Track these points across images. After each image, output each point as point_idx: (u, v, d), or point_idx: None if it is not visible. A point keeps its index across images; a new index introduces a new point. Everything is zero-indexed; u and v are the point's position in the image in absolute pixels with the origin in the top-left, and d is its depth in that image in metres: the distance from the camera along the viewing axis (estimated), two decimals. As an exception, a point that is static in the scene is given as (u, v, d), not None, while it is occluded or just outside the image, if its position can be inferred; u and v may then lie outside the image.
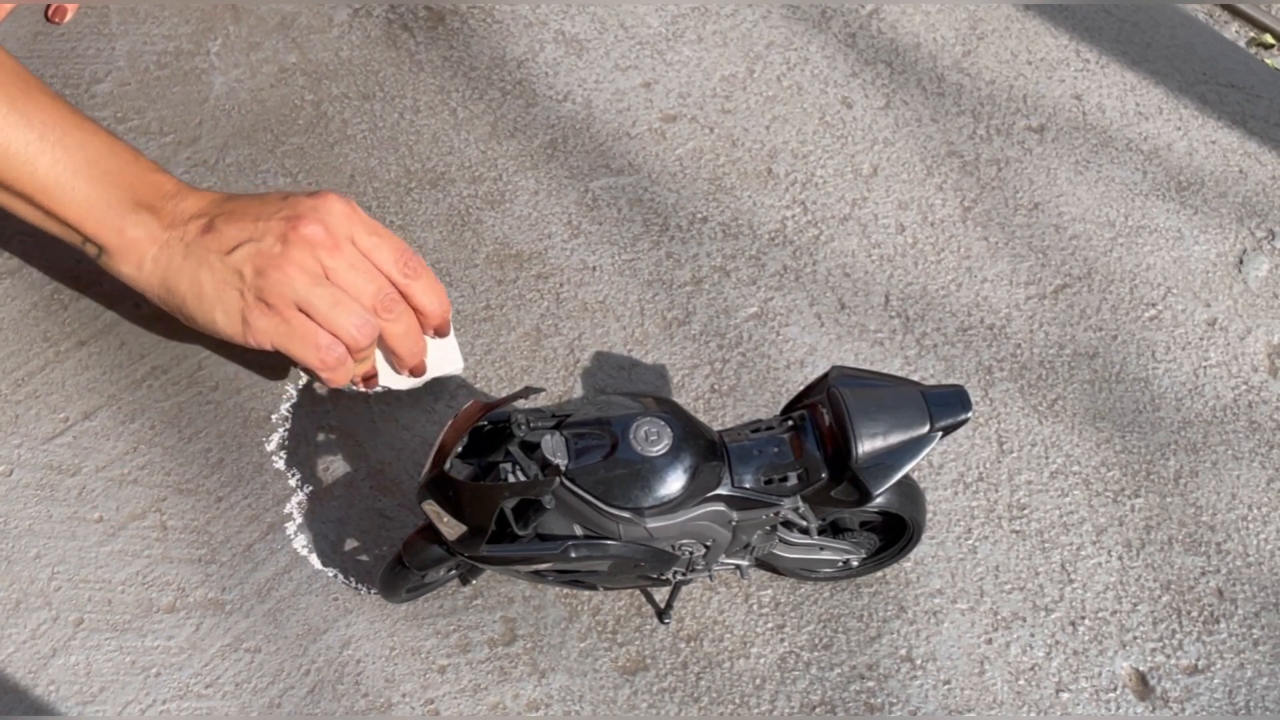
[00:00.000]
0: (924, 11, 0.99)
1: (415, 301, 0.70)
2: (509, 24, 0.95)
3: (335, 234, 0.67)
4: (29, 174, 0.66)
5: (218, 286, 0.67)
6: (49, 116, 0.67)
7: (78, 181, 0.67)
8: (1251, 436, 0.78)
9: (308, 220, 0.67)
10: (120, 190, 0.68)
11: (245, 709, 0.65)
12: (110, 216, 0.68)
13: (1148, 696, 0.69)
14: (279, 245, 0.67)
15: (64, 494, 0.71)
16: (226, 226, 0.68)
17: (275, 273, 0.66)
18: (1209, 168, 0.92)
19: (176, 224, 0.68)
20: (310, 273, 0.67)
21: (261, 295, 0.67)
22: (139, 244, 0.68)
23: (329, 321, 0.67)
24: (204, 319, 0.69)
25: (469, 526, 0.59)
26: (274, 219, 0.67)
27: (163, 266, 0.68)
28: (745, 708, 0.67)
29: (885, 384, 0.62)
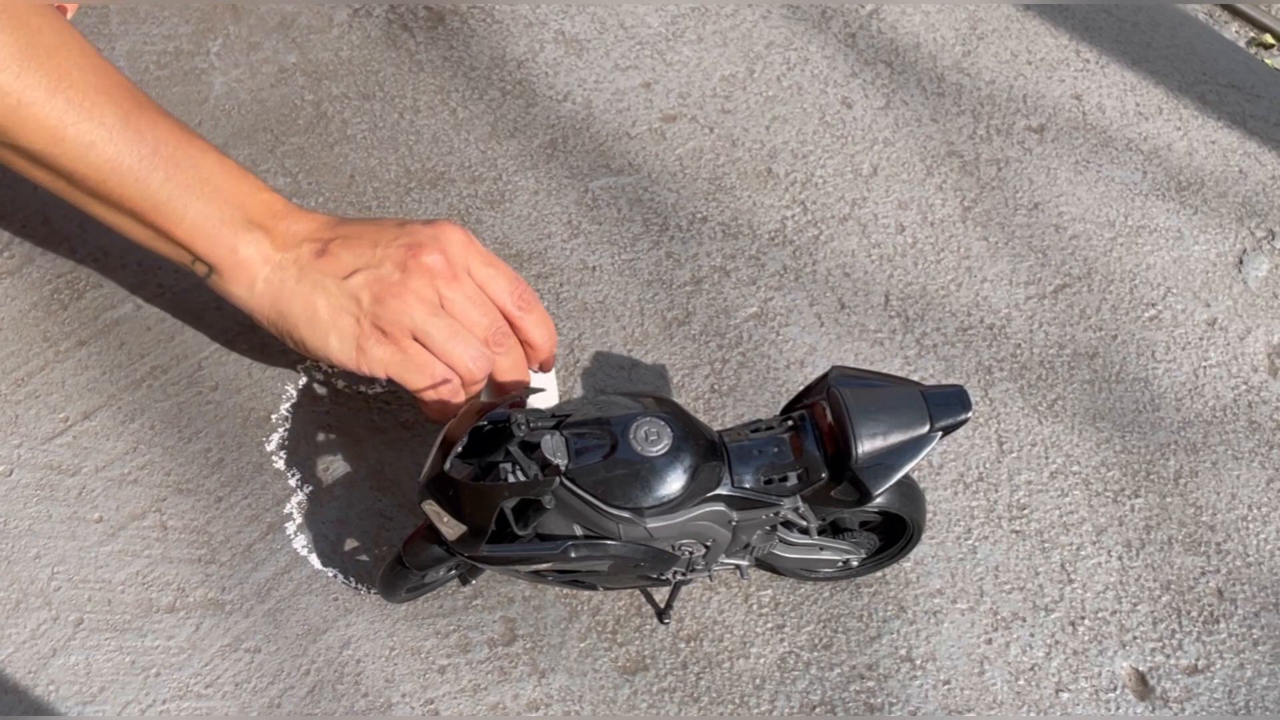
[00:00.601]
0: (924, 11, 0.99)
1: (525, 335, 0.70)
2: (509, 24, 0.95)
3: (454, 264, 0.67)
4: (141, 191, 0.65)
5: (333, 312, 0.66)
6: (161, 132, 0.66)
7: (190, 199, 0.66)
8: (1251, 436, 0.78)
9: (428, 249, 0.66)
10: (232, 209, 0.67)
11: (245, 709, 0.65)
12: (223, 235, 0.66)
13: (1148, 696, 0.69)
14: (398, 273, 0.66)
15: (64, 494, 0.71)
16: (343, 251, 0.67)
17: (394, 301, 0.66)
18: (1209, 168, 0.92)
19: (289, 245, 0.67)
20: (428, 302, 0.66)
21: (378, 323, 0.66)
22: (251, 264, 0.67)
23: (445, 353, 0.67)
24: (316, 343, 0.67)
25: (469, 526, 0.59)
26: (393, 246, 0.67)
27: (275, 288, 0.67)
28: (745, 708, 0.67)
29: (885, 384, 0.62)
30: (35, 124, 0.62)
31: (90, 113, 0.63)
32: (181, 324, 0.78)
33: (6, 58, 0.61)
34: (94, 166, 0.64)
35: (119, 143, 0.64)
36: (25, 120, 0.62)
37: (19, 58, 0.61)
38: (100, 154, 0.64)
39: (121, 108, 0.64)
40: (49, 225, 0.82)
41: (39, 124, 0.62)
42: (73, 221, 0.82)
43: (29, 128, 0.62)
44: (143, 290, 0.79)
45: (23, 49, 0.61)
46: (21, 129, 0.62)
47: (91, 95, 0.63)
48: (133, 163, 0.64)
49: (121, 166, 0.64)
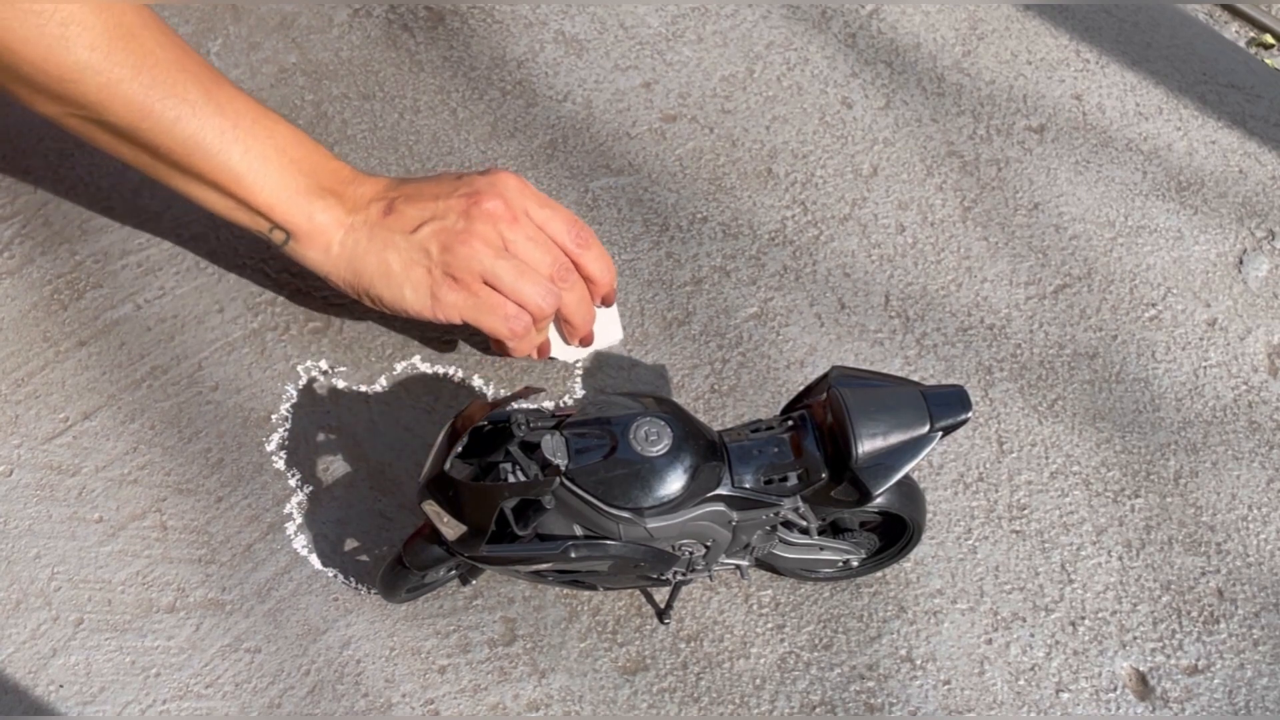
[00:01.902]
0: (924, 11, 0.99)
1: (586, 270, 0.73)
2: (509, 24, 0.95)
3: (513, 207, 0.70)
4: (223, 163, 0.68)
5: (405, 265, 0.70)
6: (239, 106, 0.69)
7: (268, 169, 0.69)
8: (1251, 436, 0.78)
9: (487, 196, 0.70)
10: (307, 177, 0.70)
11: (245, 709, 0.65)
12: (300, 203, 0.70)
13: (1148, 696, 0.69)
14: (462, 221, 0.69)
15: (64, 494, 0.71)
16: (407, 207, 0.70)
17: (461, 247, 0.69)
18: (1209, 168, 0.92)
19: (359, 208, 0.71)
20: (494, 246, 0.69)
21: (449, 270, 0.69)
22: (326, 229, 0.70)
23: (515, 292, 0.70)
24: (392, 297, 0.71)
25: (469, 526, 0.59)
26: (454, 197, 0.70)
27: (349, 249, 0.70)
28: (745, 708, 0.67)
29: (885, 384, 0.62)
30: (124, 100, 0.65)
31: (174, 89, 0.66)
32: (181, 324, 0.78)
33: (96, 38, 0.63)
34: (179, 141, 0.67)
35: (202, 117, 0.67)
36: (114, 97, 0.65)
37: (107, 38, 0.64)
38: (185, 128, 0.67)
39: (202, 84, 0.67)
40: (49, 226, 0.82)
41: (127, 100, 0.65)
42: (73, 222, 0.82)
43: (118, 104, 0.65)
44: (143, 290, 0.79)
45: (110, 30, 0.64)
46: (111, 105, 0.65)
47: (175, 73, 0.66)
48: (214, 136, 0.67)
49: (205, 140, 0.67)
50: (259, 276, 0.80)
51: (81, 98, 0.65)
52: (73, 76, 0.64)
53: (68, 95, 0.65)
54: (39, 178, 0.84)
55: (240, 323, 0.78)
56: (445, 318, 0.70)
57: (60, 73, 0.64)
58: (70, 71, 0.64)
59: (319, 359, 0.77)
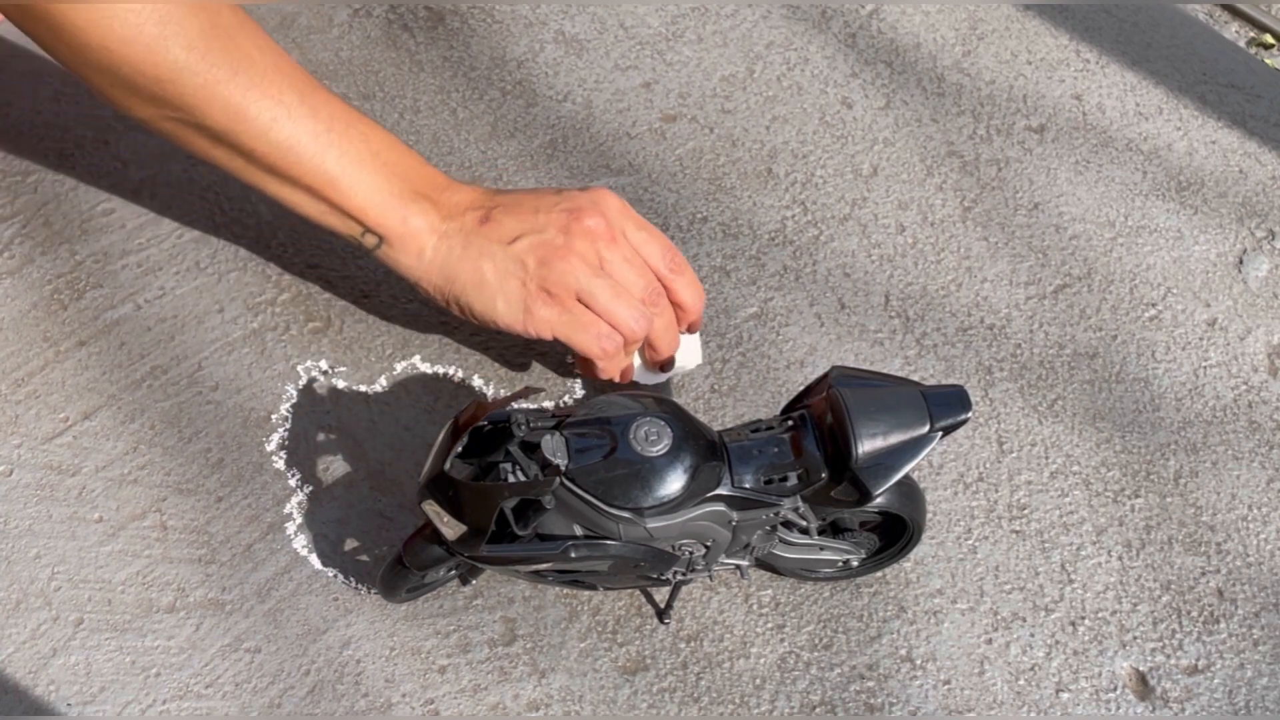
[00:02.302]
0: (924, 11, 0.99)
1: (676, 296, 0.72)
2: (509, 24, 0.95)
3: (613, 227, 0.70)
4: (317, 166, 0.67)
5: (499, 275, 0.69)
6: (333, 110, 0.68)
7: (362, 173, 0.68)
8: (1251, 436, 0.78)
9: (589, 213, 0.69)
10: (401, 182, 0.69)
11: (245, 709, 0.65)
12: (394, 206, 0.69)
13: (1148, 696, 0.69)
14: (561, 236, 0.68)
15: (64, 494, 0.71)
16: (506, 218, 0.69)
17: (560, 263, 0.68)
18: (1209, 168, 0.92)
19: (454, 215, 0.70)
20: (591, 264, 0.69)
21: (544, 285, 0.68)
22: (420, 234, 0.69)
23: (609, 312, 0.69)
24: (483, 307, 0.70)
25: (469, 526, 0.59)
26: (554, 211, 0.69)
27: (443, 255, 0.69)
28: (745, 708, 0.67)
29: (885, 384, 0.62)
30: (221, 102, 0.65)
31: (269, 92, 0.66)
32: (181, 324, 0.78)
33: (194, 38, 0.63)
34: (274, 144, 0.66)
35: (297, 120, 0.66)
36: (211, 99, 0.64)
37: (204, 38, 0.63)
38: (280, 131, 0.66)
39: (297, 87, 0.67)
40: (49, 226, 0.82)
41: (224, 102, 0.65)
42: (73, 222, 0.82)
43: (215, 106, 0.65)
44: (143, 290, 0.79)
45: (206, 31, 0.63)
46: (208, 107, 0.65)
47: (270, 75, 0.66)
48: (309, 140, 0.67)
49: (299, 143, 0.67)
50: (259, 276, 0.80)
51: (179, 99, 0.64)
52: (170, 77, 0.63)
53: (165, 97, 0.64)
54: (39, 178, 0.84)
55: (240, 323, 0.78)
56: (536, 332, 0.69)
57: (158, 73, 0.63)
58: (168, 72, 0.63)
59: (319, 359, 0.77)
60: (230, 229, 0.82)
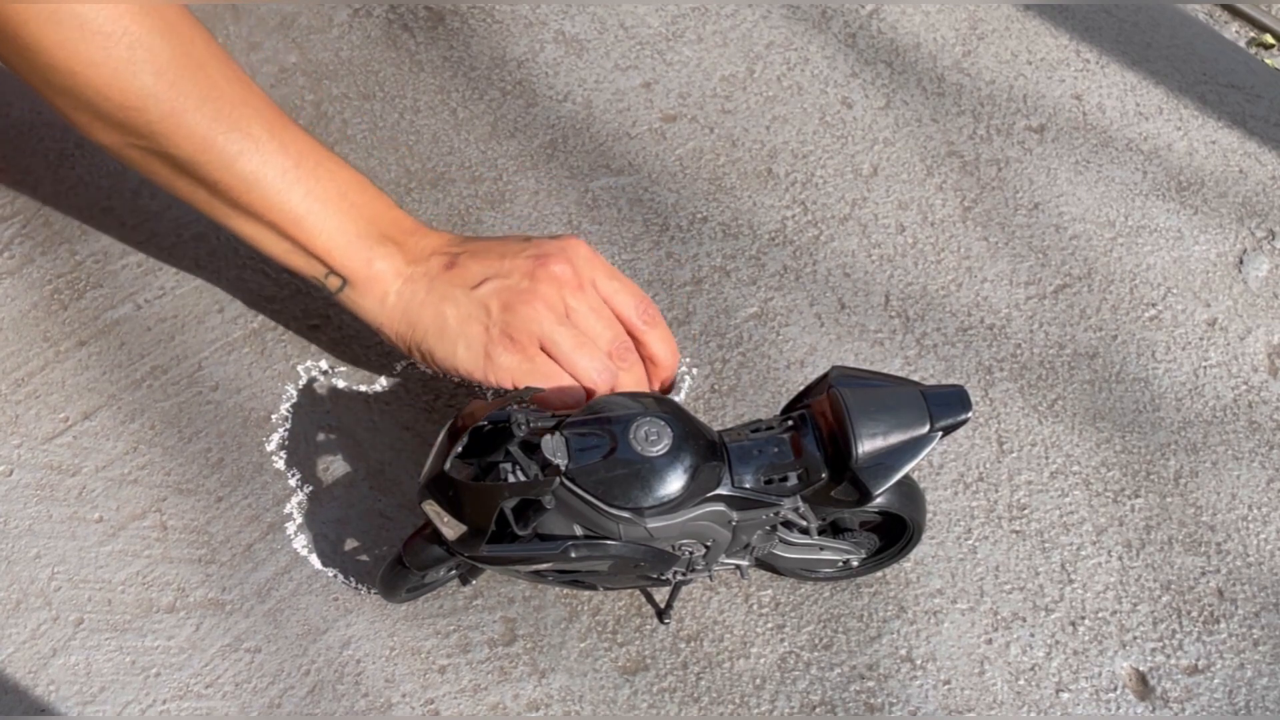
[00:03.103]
0: (924, 11, 0.99)
1: (648, 350, 0.70)
2: (509, 24, 0.95)
3: (580, 275, 0.68)
4: (283, 203, 0.66)
5: (461, 320, 0.67)
6: (302, 147, 0.67)
7: (328, 213, 0.67)
8: (1251, 436, 0.78)
9: (555, 259, 0.67)
10: (367, 224, 0.68)
11: (245, 709, 0.65)
12: (359, 249, 0.67)
13: (1148, 696, 0.69)
14: (526, 281, 0.66)
15: (64, 494, 0.71)
16: (471, 263, 0.68)
17: (524, 308, 0.66)
18: (1209, 168, 0.92)
19: (419, 259, 0.68)
20: (556, 310, 0.67)
21: (507, 330, 0.66)
22: (383, 277, 0.68)
23: (570, 363, 0.67)
24: (444, 353, 0.68)
25: (469, 526, 0.59)
26: (520, 257, 0.67)
27: (405, 300, 0.68)
28: (745, 708, 0.67)
29: (885, 384, 0.62)
30: (186, 131, 0.63)
31: (238, 124, 0.64)
32: (181, 324, 0.78)
33: (163, 64, 0.62)
34: (239, 177, 0.65)
35: (265, 154, 0.65)
36: (177, 127, 0.63)
37: (174, 65, 0.62)
38: (246, 164, 0.65)
39: (266, 121, 0.66)
40: (49, 226, 0.82)
41: (190, 132, 0.63)
42: (73, 222, 0.82)
43: (180, 135, 0.63)
44: (143, 290, 0.79)
45: (176, 57, 0.62)
46: (172, 136, 0.63)
47: (239, 107, 0.65)
48: (276, 175, 0.65)
49: (266, 178, 0.65)
50: (259, 276, 0.80)
51: (145, 126, 0.63)
52: (136, 104, 0.62)
53: (130, 123, 0.63)
54: (39, 178, 0.84)
55: (240, 323, 0.78)
56: (496, 380, 0.67)
57: (124, 99, 0.62)
58: (134, 98, 0.62)
59: (319, 359, 0.77)
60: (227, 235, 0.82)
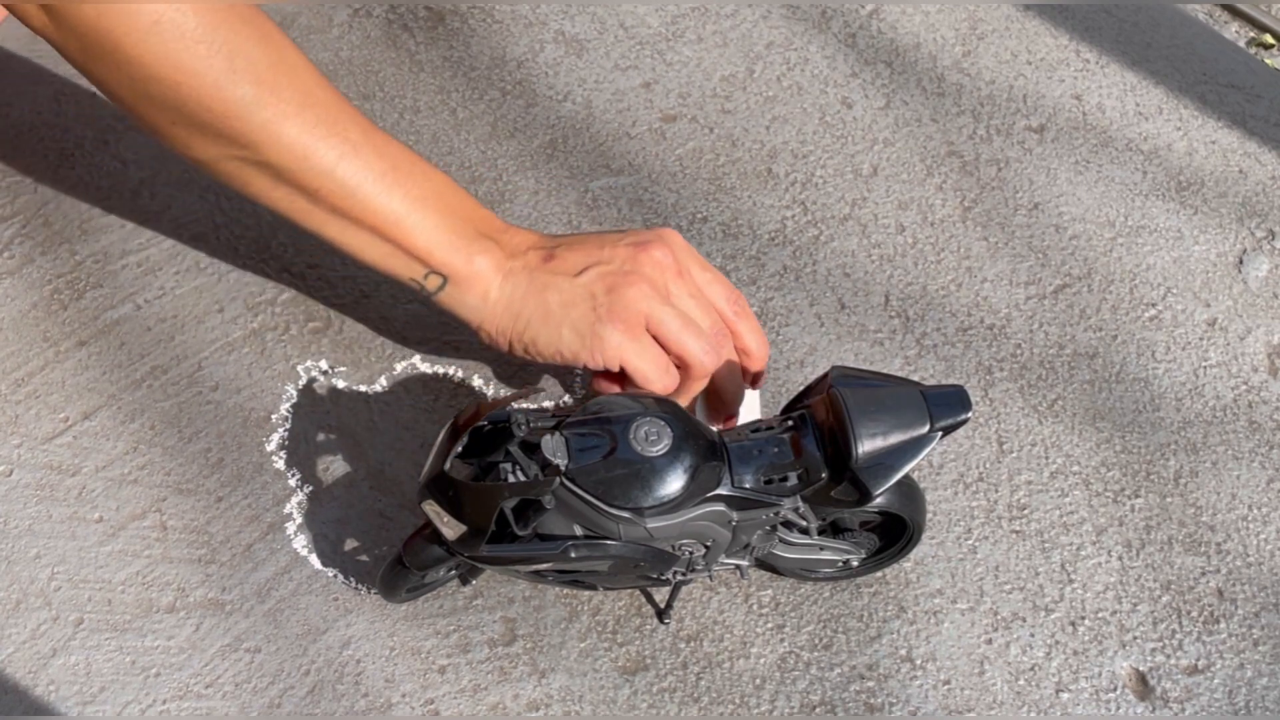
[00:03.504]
0: (924, 11, 0.99)
1: (741, 341, 0.70)
2: (509, 24, 0.95)
3: (679, 261, 0.68)
4: (382, 206, 0.66)
5: (566, 305, 0.67)
6: (394, 150, 0.67)
7: (427, 213, 0.67)
8: (1251, 436, 0.78)
9: (655, 246, 0.68)
10: (464, 222, 0.68)
11: (245, 709, 0.65)
12: (459, 247, 0.68)
13: (1148, 696, 0.69)
14: (629, 264, 0.67)
15: (64, 494, 0.71)
16: (569, 254, 0.68)
17: (630, 289, 0.66)
18: (1209, 168, 0.92)
19: (516, 254, 0.69)
20: (660, 293, 0.67)
21: (614, 310, 0.67)
22: (485, 274, 0.68)
23: (679, 342, 0.67)
24: (548, 339, 0.68)
25: (469, 526, 0.59)
26: (619, 245, 0.68)
27: (508, 294, 0.68)
28: (745, 708, 0.67)
29: (885, 384, 0.62)
30: (288, 139, 0.64)
31: (335, 129, 0.65)
32: (181, 324, 0.78)
33: (261, 72, 0.62)
34: (339, 182, 0.65)
35: (363, 158, 0.65)
36: (278, 135, 0.63)
37: (273, 72, 0.63)
38: (346, 170, 0.65)
39: (360, 126, 0.66)
40: (49, 226, 0.82)
41: (291, 139, 0.64)
42: (73, 222, 0.82)
43: (281, 143, 0.64)
44: (143, 290, 0.79)
45: (273, 64, 0.63)
46: (274, 144, 0.64)
47: (334, 113, 0.65)
48: (374, 179, 0.66)
49: (365, 183, 0.66)
50: (259, 276, 0.80)
51: (245, 136, 0.63)
52: (238, 112, 0.62)
53: (231, 133, 0.63)
54: (39, 178, 0.84)
55: (240, 323, 0.78)
56: (603, 358, 0.67)
57: (225, 108, 0.62)
58: (235, 107, 0.62)
59: (319, 359, 0.77)
60: (230, 229, 0.82)
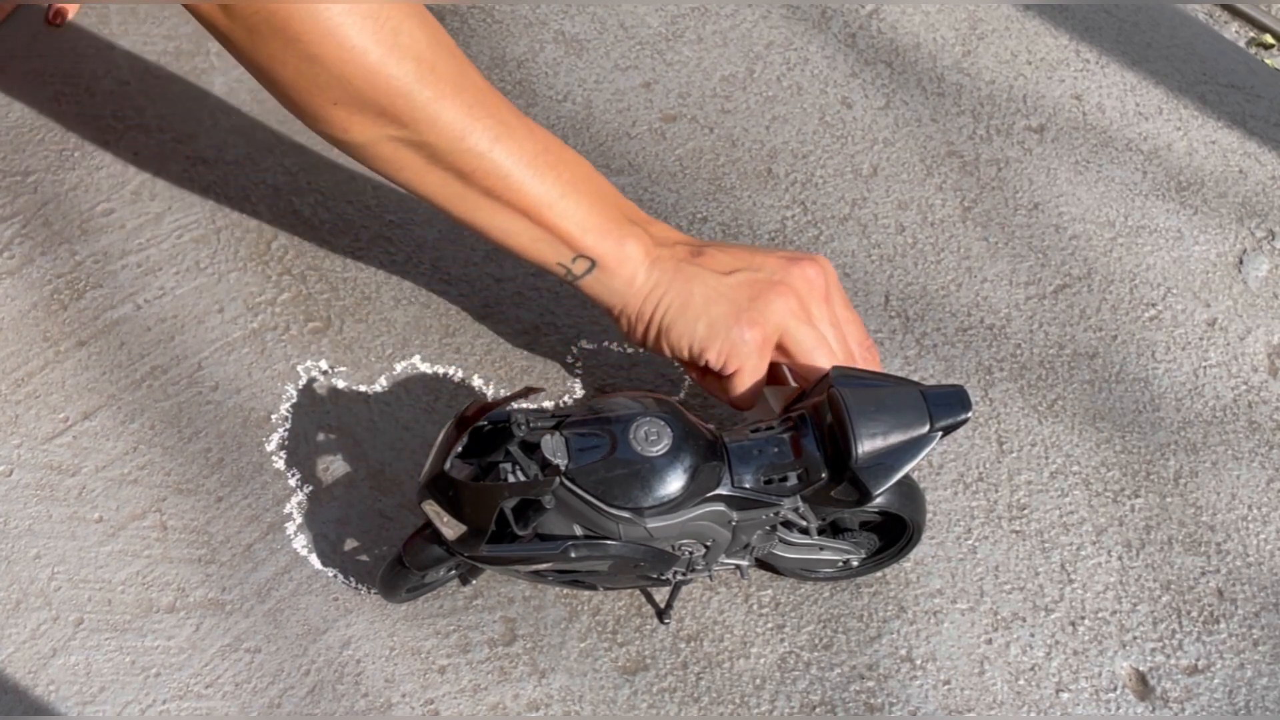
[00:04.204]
0: (924, 11, 0.99)
1: None
2: (509, 24, 0.95)
3: (828, 285, 0.68)
4: (535, 189, 0.66)
5: (708, 300, 0.67)
6: (545, 135, 0.67)
7: (580, 197, 0.67)
8: (1251, 436, 0.78)
9: (809, 263, 0.68)
10: (614, 208, 0.68)
11: (245, 709, 0.65)
12: (610, 231, 0.67)
13: (1148, 696, 0.69)
14: (779, 274, 0.67)
15: (64, 494, 0.71)
16: (720, 254, 0.68)
17: (775, 299, 0.66)
18: (1209, 168, 0.92)
19: (665, 244, 0.69)
20: (804, 309, 0.67)
21: (755, 317, 0.66)
22: (634, 259, 0.68)
23: (809, 360, 0.67)
24: (681, 329, 0.67)
25: (469, 527, 0.59)
26: (771, 256, 0.68)
27: (654, 280, 0.68)
28: (745, 708, 0.67)
29: (885, 384, 0.62)
30: (447, 119, 0.63)
31: (492, 110, 0.65)
32: (181, 324, 0.78)
33: (422, 50, 0.62)
34: (494, 163, 0.65)
35: (517, 140, 0.65)
36: (439, 114, 0.63)
37: (431, 51, 0.62)
38: (502, 150, 0.65)
39: (512, 109, 0.66)
40: (49, 226, 0.82)
41: (450, 119, 0.63)
42: (73, 222, 0.82)
43: (441, 122, 0.63)
44: (143, 290, 0.79)
45: (432, 44, 0.62)
46: (433, 124, 0.63)
47: (489, 95, 0.65)
48: (528, 161, 0.65)
49: (520, 164, 0.65)
50: (259, 276, 0.80)
51: (407, 114, 0.63)
52: (402, 90, 0.62)
53: (392, 112, 0.63)
54: (39, 178, 0.84)
55: (240, 323, 0.78)
56: (727, 357, 0.67)
57: (389, 85, 0.62)
58: (400, 84, 0.62)
59: (319, 359, 0.77)
60: (230, 229, 0.82)
